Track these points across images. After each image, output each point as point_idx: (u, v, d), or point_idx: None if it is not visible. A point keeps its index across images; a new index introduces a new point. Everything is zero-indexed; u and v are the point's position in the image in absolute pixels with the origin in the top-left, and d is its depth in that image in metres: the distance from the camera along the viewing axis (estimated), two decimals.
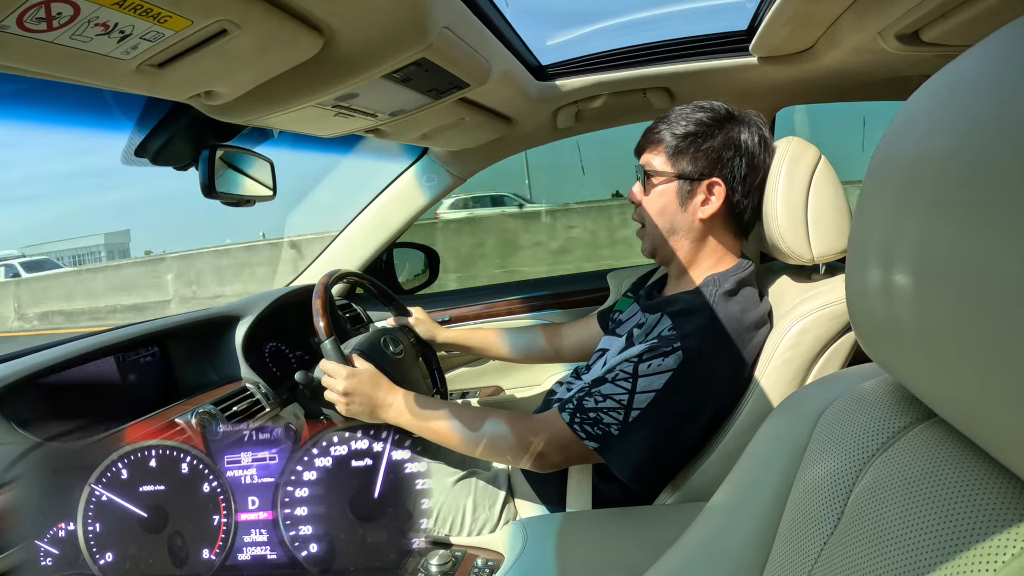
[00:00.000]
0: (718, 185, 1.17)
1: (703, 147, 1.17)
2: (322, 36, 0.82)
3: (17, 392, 1.06)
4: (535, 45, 1.52)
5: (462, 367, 2.16)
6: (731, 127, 1.18)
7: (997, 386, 0.31)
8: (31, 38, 0.60)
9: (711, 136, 1.17)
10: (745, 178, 1.17)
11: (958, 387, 0.35)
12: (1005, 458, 0.34)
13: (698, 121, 1.18)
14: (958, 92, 0.35)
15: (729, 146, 1.16)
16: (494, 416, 1.18)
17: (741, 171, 1.17)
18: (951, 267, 0.33)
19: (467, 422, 1.18)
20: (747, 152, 1.17)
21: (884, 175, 0.40)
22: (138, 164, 1.25)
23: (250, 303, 1.61)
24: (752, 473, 0.60)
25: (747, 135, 1.17)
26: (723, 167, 1.17)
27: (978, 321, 0.31)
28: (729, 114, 1.19)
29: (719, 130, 1.17)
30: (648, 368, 1.07)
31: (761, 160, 1.18)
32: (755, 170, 1.17)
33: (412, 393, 1.24)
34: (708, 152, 1.17)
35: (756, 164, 1.17)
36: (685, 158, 1.18)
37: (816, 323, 1.08)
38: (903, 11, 1.07)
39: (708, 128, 1.17)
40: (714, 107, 1.20)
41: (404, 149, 2.04)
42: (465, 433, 1.17)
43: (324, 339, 1.27)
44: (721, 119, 1.18)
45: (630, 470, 1.08)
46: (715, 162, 1.17)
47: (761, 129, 1.19)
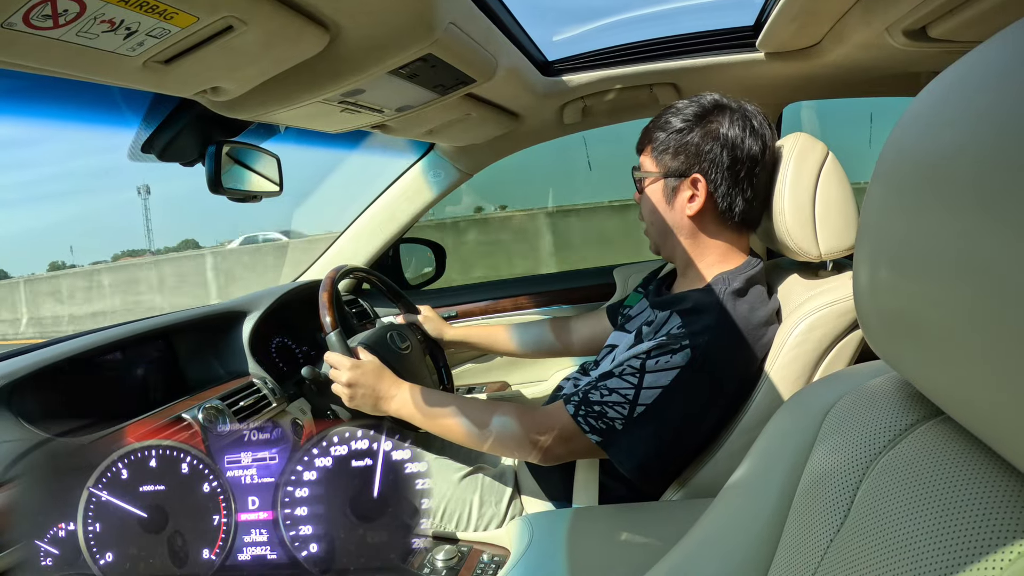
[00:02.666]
0: (700, 180, 1.16)
1: (683, 142, 1.16)
2: (328, 32, 0.82)
3: (25, 387, 1.06)
4: (541, 40, 1.52)
5: (469, 363, 2.16)
6: (712, 119, 1.15)
7: (1006, 384, 0.31)
8: (38, 35, 0.60)
9: (691, 131, 1.16)
10: (728, 170, 1.15)
11: (966, 385, 0.35)
12: (1013, 456, 0.34)
13: (683, 116, 1.17)
14: (968, 88, 0.35)
15: (708, 138, 1.14)
16: (497, 408, 1.18)
17: (724, 163, 1.14)
18: (959, 264, 0.32)
19: (470, 415, 1.18)
20: (728, 143, 1.14)
21: (892, 171, 0.40)
22: (145, 160, 1.25)
23: (257, 298, 1.61)
24: (759, 469, 0.60)
25: (727, 126, 1.14)
26: (702, 160, 1.15)
27: (987, 318, 0.31)
28: (715, 105, 1.17)
29: (699, 124, 1.16)
30: (656, 365, 1.07)
31: (747, 150, 1.14)
32: (739, 161, 1.14)
33: (416, 386, 1.24)
34: (688, 147, 1.16)
35: (739, 155, 1.14)
36: (668, 155, 1.18)
37: (823, 320, 1.08)
38: (910, 7, 1.07)
39: (689, 123, 1.16)
40: (702, 100, 1.18)
41: (410, 145, 2.04)
42: (468, 425, 1.17)
43: (329, 331, 1.27)
44: (703, 112, 1.16)
45: (633, 465, 1.08)
46: (695, 157, 1.16)
47: (748, 118, 1.15)
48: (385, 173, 2.10)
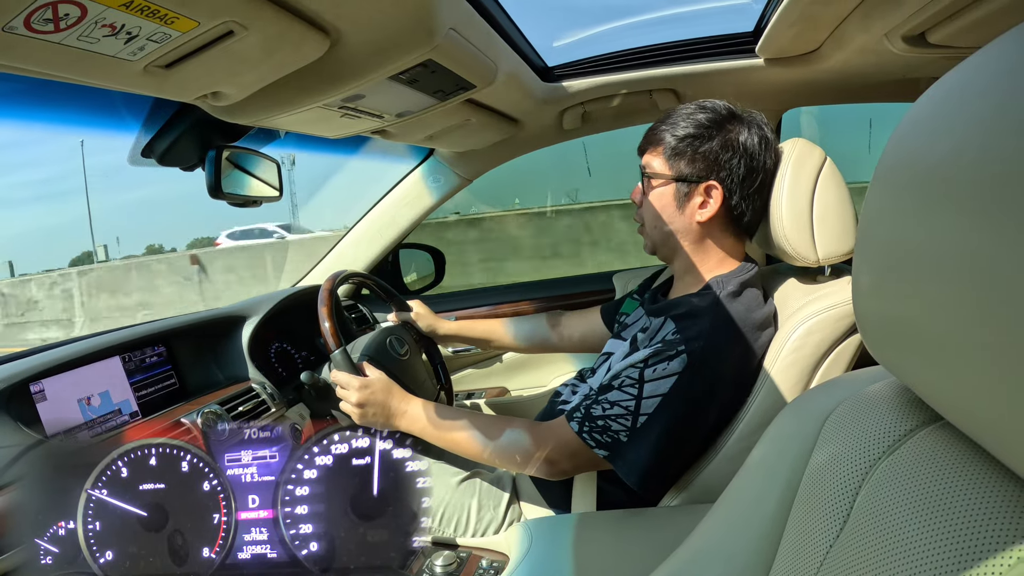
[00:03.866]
0: (716, 188, 1.16)
1: (701, 149, 1.16)
2: (329, 37, 0.82)
3: (23, 391, 1.06)
4: (541, 46, 1.53)
5: (468, 368, 2.16)
6: (730, 128, 1.16)
7: (1005, 389, 0.31)
8: (39, 39, 0.60)
9: (709, 138, 1.15)
10: (744, 180, 1.15)
11: (965, 390, 0.35)
12: (1012, 462, 0.34)
13: (697, 123, 1.17)
14: (967, 94, 0.35)
15: (727, 148, 1.15)
16: (507, 424, 1.19)
17: (740, 173, 1.15)
18: (959, 269, 0.32)
19: (479, 431, 1.19)
20: (746, 154, 1.14)
21: (892, 177, 0.40)
22: (145, 165, 1.25)
23: (256, 303, 1.61)
24: (758, 475, 0.60)
25: (746, 136, 1.15)
26: (720, 169, 1.15)
27: (987, 324, 0.31)
28: (730, 114, 1.17)
29: (718, 132, 1.15)
30: (654, 373, 1.07)
31: (761, 162, 1.15)
32: (754, 172, 1.15)
33: (426, 401, 1.25)
34: (706, 154, 1.15)
35: (756, 166, 1.15)
36: (683, 160, 1.17)
37: (821, 325, 1.08)
38: (909, 13, 1.07)
39: (707, 130, 1.16)
40: (715, 107, 1.18)
41: (410, 150, 2.04)
42: (479, 441, 1.18)
43: (334, 349, 1.27)
44: (721, 120, 1.16)
45: (637, 476, 1.08)
46: (713, 164, 1.15)
47: (763, 129, 1.17)
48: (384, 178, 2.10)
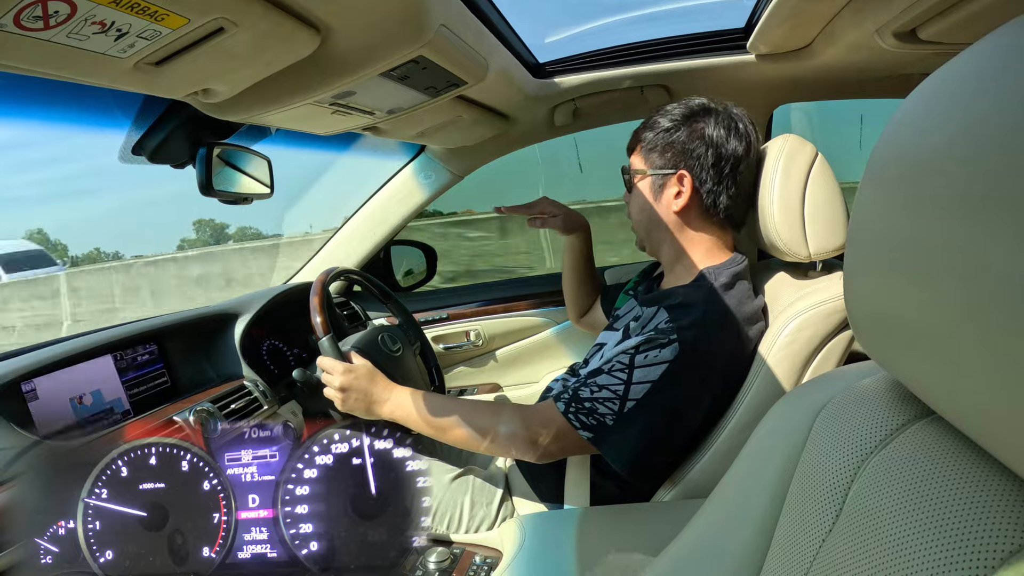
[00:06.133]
0: (686, 177, 1.20)
1: (669, 140, 1.21)
2: (319, 34, 0.82)
3: (15, 390, 1.05)
4: (533, 42, 1.52)
5: (460, 365, 2.16)
6: (698, 119, 1.20)
7: (996, 383, 0.31)
8: (28, 36, 0.60)
9: (677, 129, 1.21)
10: (713, 167, 1.19)
11: (956, 384, 0.35)
12: (1004, 455, 0.34)
13: (671, 117, 1.22)
14: (959, 90, 0.35)
15: (694, 137, 1.19)
16: (490, 409, 1.19)
17: (708, 161, 1.19)
18: (951, 264, 0.33)
19: (463, 416, 1.18)
20: (712, 142, 1.18)
21: (883, 172, 0.40)
22: (135, 162, 1.24)
23: (248, 301, 1.61)
24: (750, 470, 0.60)
25: (712, 126, 1.19)
26: (688, 158, 1.20)
27: (978, 318, 0.31)
28: (703, 108, 1.22)
29: (685, 123, 1.21)
30: (644, 359, 1.08)
31: (731, 149, 1.18)
32: (723, 158, 1.19)
33: (408, 389, 1.24)
34: (674, 144, 1.21)
35: (724, 153, 1.18)
36: (655, 153, 1.23)
37: (813, 320, 1.09)
38: (900, 8, 1.07)
39: (676, 122, 1.21)
40: (690, 103, 1.23)
41: (401, 147, 2.03)
42: (462, 427, 1.17)
43: (322, 336, 1.27)
44: (691, 113, 1.21)
45: (624, 461, 1.08)
46: (680, 154, 1.20)
47: (732, 119, 1.20)
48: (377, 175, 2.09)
